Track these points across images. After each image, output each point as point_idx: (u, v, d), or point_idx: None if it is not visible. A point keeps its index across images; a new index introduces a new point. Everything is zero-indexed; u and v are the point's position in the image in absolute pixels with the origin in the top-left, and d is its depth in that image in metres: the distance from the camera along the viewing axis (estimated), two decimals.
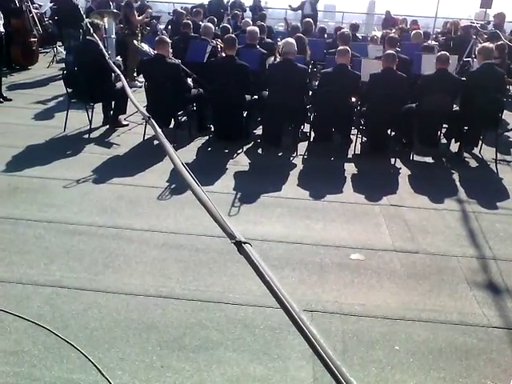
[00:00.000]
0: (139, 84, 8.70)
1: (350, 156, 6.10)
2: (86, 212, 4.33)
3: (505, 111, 6.17)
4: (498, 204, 4.95)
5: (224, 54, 6.52)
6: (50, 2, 12.35)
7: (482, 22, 10.90)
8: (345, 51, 5.98)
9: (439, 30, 12.54)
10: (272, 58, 6.76)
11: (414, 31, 9.30)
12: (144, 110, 2.23)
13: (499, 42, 7.71)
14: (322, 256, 3.83)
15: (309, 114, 6.38)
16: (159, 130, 1.76)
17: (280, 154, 6.08)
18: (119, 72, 3.03)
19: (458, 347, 2.95)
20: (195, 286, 3.37)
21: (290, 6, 13.88)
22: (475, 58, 7.88)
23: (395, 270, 3.71)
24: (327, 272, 3.63)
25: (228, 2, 13.46)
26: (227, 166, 5.57)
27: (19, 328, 2.89)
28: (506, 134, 7.07)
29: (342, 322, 3.10)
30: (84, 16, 9.06)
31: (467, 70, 7.46)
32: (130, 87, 8.58)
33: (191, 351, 2.80)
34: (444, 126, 6.24)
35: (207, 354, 2.79)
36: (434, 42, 9.26)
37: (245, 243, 1.12)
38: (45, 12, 11.75)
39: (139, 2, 10.24)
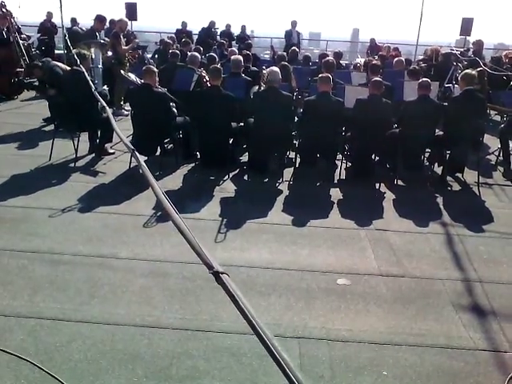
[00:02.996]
0: (126, 112, 8.76)
1: (335, 181, 6.16)
2: (70, 241, 4.30)
3: (486, 135, 6.31)
4: (481, 227, 5.00)
5: (209, 84, 6.61)
6: (38, 33, 12.49)
7: (462, 49, 11.21)
8: (326, 79, 6.09)
9: (421, 57, 12.83)
10: (256, 87, 6.87)
11: (396, 58, 9.53)
12: (128, 142, 2.24)
13: (479, 69, 7.91)
14: (308, 282, 3.83)
15: (294, 141, 6.46)
16: (143, 162, 1.78)
17: (266, 181, 6.12)
18: (105, 104, 3.06)
19: (446, 371, 2.95)
20: (182, 315, 3.35)
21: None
22: (456, 83, 8.07)
23: (381, 295, 3.71)
24: (314, 298, 3.63)
25: (216, 32, 13.74)
26: (214, 193, 5.59)
27: (1, 362, 2.83)
28: (487, 157, 7.20)
29: (329, 348, 3.09)
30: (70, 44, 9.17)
31: (448, 96, 7.63)
32: (117, 115, 8.65)
33: (178, 381, 2.77)
34: (427, 150, 6.35)
35: None
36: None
37: (222, 273, 1.14)
38: (32, 43, 11.86)
39: (125, 32, 10.38)
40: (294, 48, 10.63)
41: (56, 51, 13.06)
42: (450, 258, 4.33)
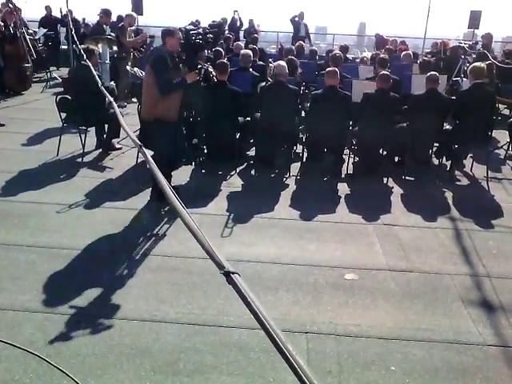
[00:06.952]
0: (135, 100, 8.69)
1: (342, 176, 6.13)
2: (78, 236, 4.31)
3: (494, 129, 6.25)
4: (490, 221, 4.97)
5: (216, 79, 6.57)
6: (39, 27, 12.46)
7: (470, 43, 11.10)
8: (334, 73, 6.05)
9: (428, 51, 12.71)
10: (263, 83, 6.84)
11: (403, 52, 9.45)
12: (135, 137, 2.23)
13: (487, 62, 7.82)
14: (316, 276, 3.82)
15: (301, 135, 6.43)
16: (150, 158, 1.77)
17: (273, 175, 6.10)
18: (112, 99, 3.05)
19: (454, 366, 2.93)
20: (189, 310, 3.35)
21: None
22: (464, 77, 8.00)
23: (390, 290, 3.70)
24: (322, 292, 3.62)
25: (224, 28, 13.67)
26: (220, 188, 5.58)
27: (10, 356, 2.85)
28: (496, 151, 7.14)
29: (337, 343, 3.08)
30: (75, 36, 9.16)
31: (456, 90, 7.55)
32: (123, 107, 8.62)
33: (185, 376, 2.77)
34: (435, 144, 6.31)
35: (202, 379, 2.75)
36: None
37: (233, 273, 1.12)
38: (39, 38, 11.88)
39: (134, 28, 10.35)
40: (300, 42, 10.57)
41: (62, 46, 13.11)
42: (458, 253, 4.30)
